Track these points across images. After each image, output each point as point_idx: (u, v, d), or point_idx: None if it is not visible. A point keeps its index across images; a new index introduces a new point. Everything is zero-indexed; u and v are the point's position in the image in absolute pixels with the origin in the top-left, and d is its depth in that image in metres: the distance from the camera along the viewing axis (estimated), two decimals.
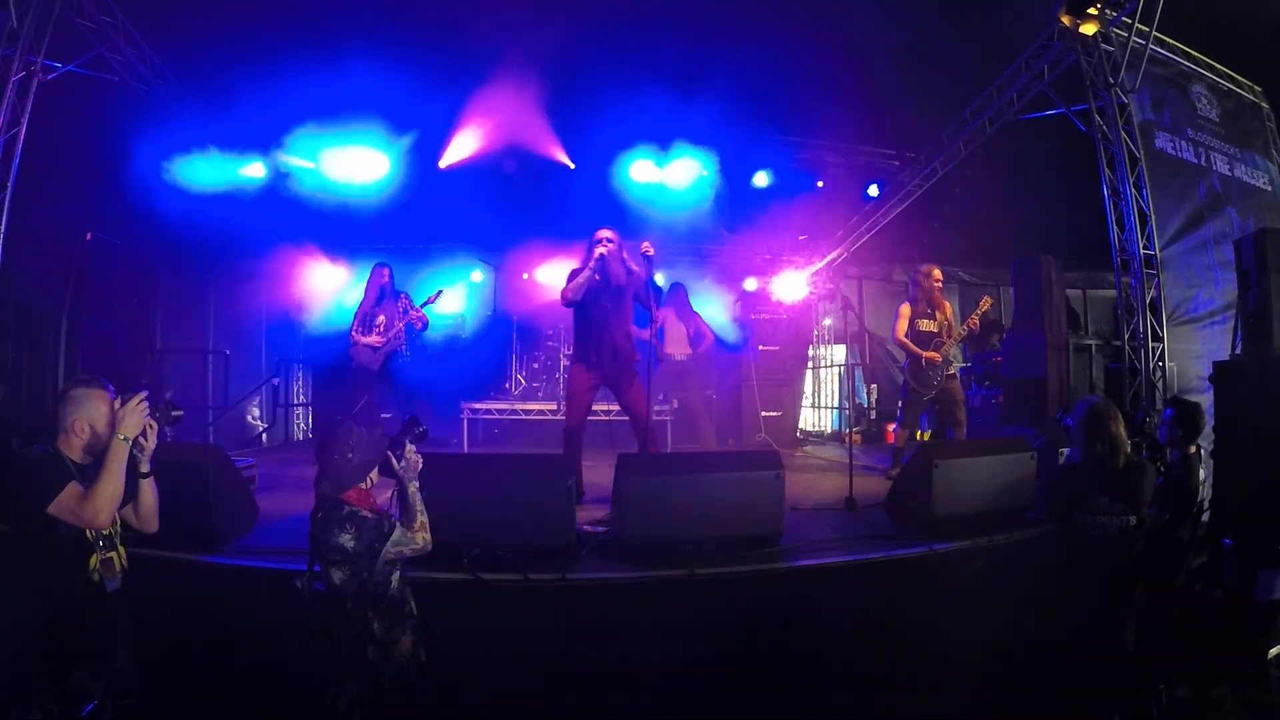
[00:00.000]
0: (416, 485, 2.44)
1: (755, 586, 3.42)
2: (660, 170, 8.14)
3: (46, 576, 2.14)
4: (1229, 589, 4.00)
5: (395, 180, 7.76)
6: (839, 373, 10.41)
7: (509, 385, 8.35)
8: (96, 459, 2.17)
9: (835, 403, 10.54)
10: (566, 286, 4.62)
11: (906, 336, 5.86)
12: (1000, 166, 7.88)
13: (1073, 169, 6.80)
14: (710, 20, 6.43)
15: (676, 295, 7.88)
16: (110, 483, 2.13)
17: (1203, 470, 3.63)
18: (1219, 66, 7.62)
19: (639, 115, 7.73)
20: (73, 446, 2.19)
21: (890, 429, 9.50)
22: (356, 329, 6.11)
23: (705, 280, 8.92)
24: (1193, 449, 3.56)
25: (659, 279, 7.92)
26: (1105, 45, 5.99)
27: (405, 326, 6.15)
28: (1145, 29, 5.84)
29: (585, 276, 4.56)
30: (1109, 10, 5.74)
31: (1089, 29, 5.83)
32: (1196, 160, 7.01)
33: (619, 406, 4.96)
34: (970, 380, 7.46)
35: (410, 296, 6.27)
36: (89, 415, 2.20)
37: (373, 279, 6.26)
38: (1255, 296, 4.63)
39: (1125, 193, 6.00)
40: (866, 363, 10.20)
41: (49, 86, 5.21)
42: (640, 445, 4.67)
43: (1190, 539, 3.50)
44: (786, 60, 7.05)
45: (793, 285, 9.42)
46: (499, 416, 7.77)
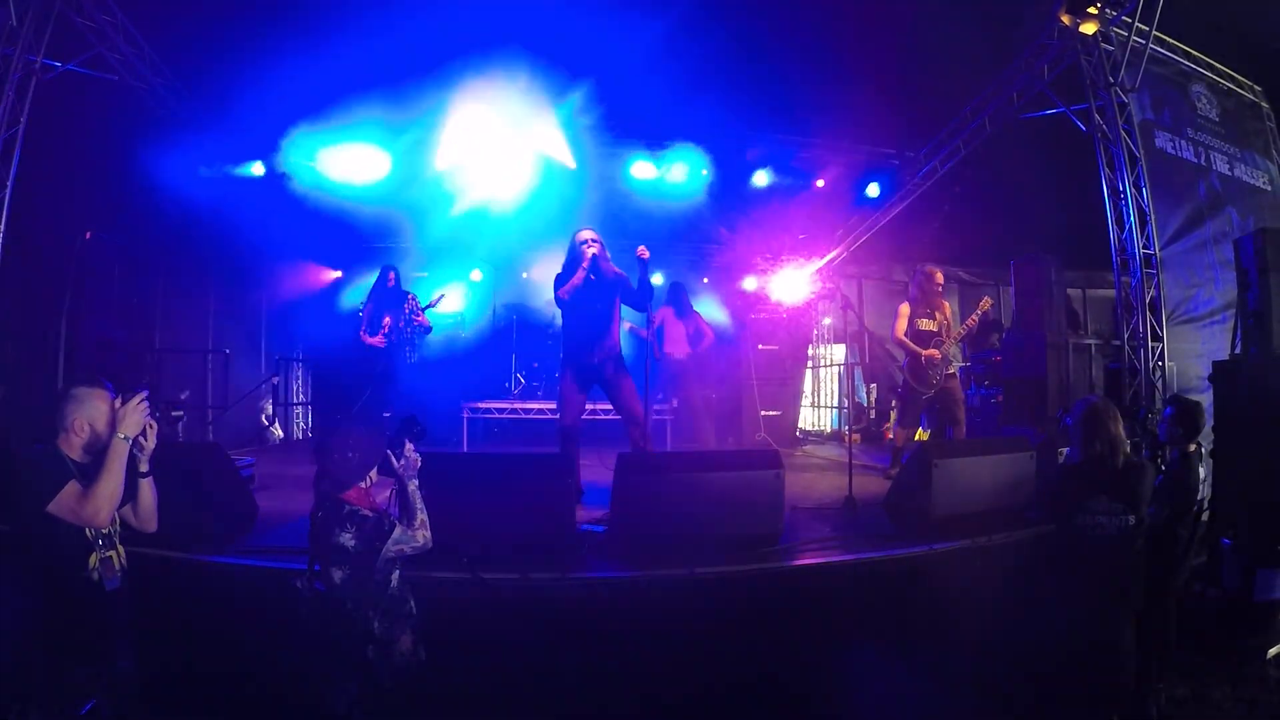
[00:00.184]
0: (416, 484, 2.45)
1: (754, 585, 3.42)
2: (659, 169, 8.13)
3: (46, 575, 2.14)
4: (1228, 588, 4.01)
5: (395, 179, 7.77)
6: (838, 372, 10.42)
7: (509, 384, 8.35)
8: (96, 458, 2.18)
9: (835, 402, 10.55)
10: (563, 287, 4.64)
11: (906, 335, 5.87)
12: (1000, 166, 7.87)
13: (1072, 168, 6.79)
14: (709, 19, 6.42)
15: (675, 295, 7.88)
16: (110, 482, 2.13)
17: (1202, 469, 3.63)
18: (1219, 66, 7.62)
19: (638, 114, 7.73)
20: (72, 445, 2.19)
21: (887, 426, 9.54)
22: (364, 330, 6.13)
23: (704, 279, 8.92)
24: (1192, 447, 3.56)
25: (658, 279, 7.93)
26: (1105, 44, 5.99)
27: (412, 329, 6.17)
28: (1145, 28, 5.85)
29: (580, 277, 4.58)
30: (1109, 9, 5.74)
31: (1089, 28, 5.84)
32: (1196, 160, 7.01)
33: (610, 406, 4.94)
34: (970, 380, 7.46)
35: (417, 298, 6.29)
36: (89, 414, 2.20)
37: (379, 281, 6.29)
38: (1255, 296, 4.63)
39: (1125, 192, 6.00)
40: (866, 362, 10.21)
41: (48, 85, 5.21)
42: (634, 444, 4.67)
43: (1190, 538, 3.50)
44: (786, 59, 7.05)
45: (792, 284, 9.43)
46: (499, 416, 7.77)
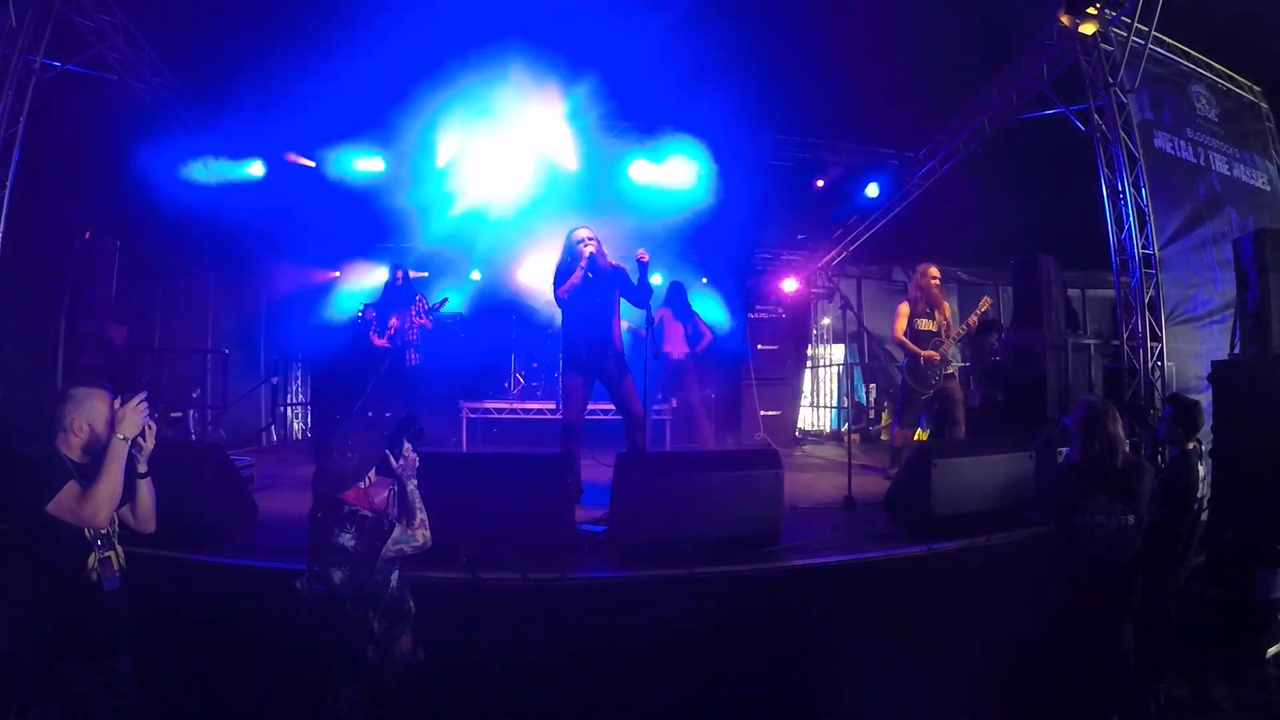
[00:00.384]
0: (415, 483, 2.45)
1: (754, 585, 3.43)
2: (658, 169, 8.13)
3: (45, 575, 2.14)
4: (1227, 588, 4.01)
5: (394, 178, 7.76)
6: (838, 372, 10.42)
7: (508, 384, 8.34)
8: (95, 458, 2.18)
9: (834, 402, 10.55)
10: (559, 288, 4.66)
11: (905, 336, 5.88)
12: (999, 166, 7.88)
13: (1072, 168, 6.79)
14: (709, 19, 6.42)
15: (674, 294, 7.87)
16: (109, 482, 2.13)
17: (1202, 467, 3.64)
18: (1218, 66, 7.62)
19: (638, 114, 7.73)
20: (71, 446, 2.19)
21: (882, 426, 9.55)
22: (374, 330, 6.15)
23: (703, 279, 8.92)
24: (1191, 445, 3.57)
25: (656, 278, 7.92)
26: (1104, 45, 5.99)
27: (418, 330, 6.17)
28: (1144, 29, 5.85)
29: (579, 276, 4.59)
30: (1108, 10, 5.74)
31: (1088, 29, 5.83)
32: (1195, 160, 7.01)
33: (611, 404, 4.96)
34: (969, 379, 7.46)
35: (425, 299, 6.30)
36: (88, 415, 2.20)
37: (389, 280, 6.33)
38: (1254, 296, 4.63)
39: (1124, 192, 6.00)
40: (865, 362, 10.21)
41: (48, 85, 5.20)
42: (630, 442, 4.68)
43: (1189, 537, 3.50)
44: (785, 59, 7.04)
45: (792, 284, 9.44)
46: (498, 416, 7.77)
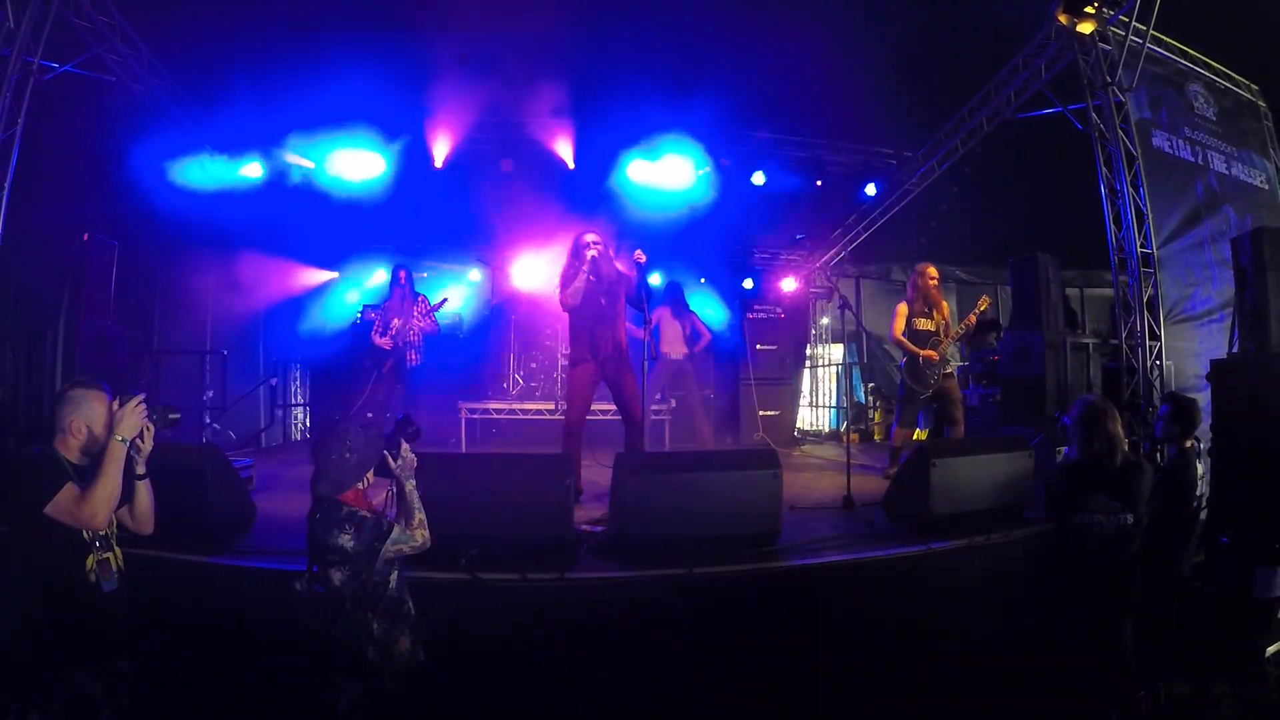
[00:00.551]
0: (413, 484, 2.45)
1: (753, 585, 3.43)
2: (657, 169, 8.14)
3: (43, 577, 2.14)
4: (1227, 587, 4.01)
5: (393, 180, 7.76)
6: (837, 372, 10.42)
7: (506, 385, 8.34)
8: (93, 460, 2.18)
9: (833, 402, 10.55)
10: (564, 293, 4.71)
11: (904, 335, 5.88)
12: (998, 165, 7.88)
13: (1070, 168, 6.79)
14: (708, 19, 6.43)
15: (672, 294, 7.88)
16: (107, 484, 2.13)
17: (1200, 466, 3.64)
18: (1216, 65, 7.62)
19: (637, 114, 7.72)
20: (69, 447, 2.19)
21: (874, 423, 9.56)
22: (377, 330, 6.14)
23: (701, 279, 8.93)
24: (1189, 444, 3.58)
25: (655, 279, 7.93)
26: (1102, 44, 5.99)
27: (419, 331, 6.16)
28: (1142, 27, 5.85)
29: (581, 281, 4.63)
30: (1106, 9, 5.74)
31: (1086, 28, 5.83)
32: (1194, 159, 7.01)
33: (614, 405, 4.99)
34: (968, 379, 7.46)
35: (427, 299, 6.29)
36: (86, 416, 2.20)
37: (392, 281, 6.33)
38: (1252, 295, 4.63)
39: (1122, 191, 6.00)
40: (864, 362, 10.21)
41: (46, 87, 5.19)
42: (629, 443, 4.72)
43: (1188, 536, 3.50)
44: (784, 59, 7.04)
45: (790, 284, 9.44)
46: (497, 416, 7.77)
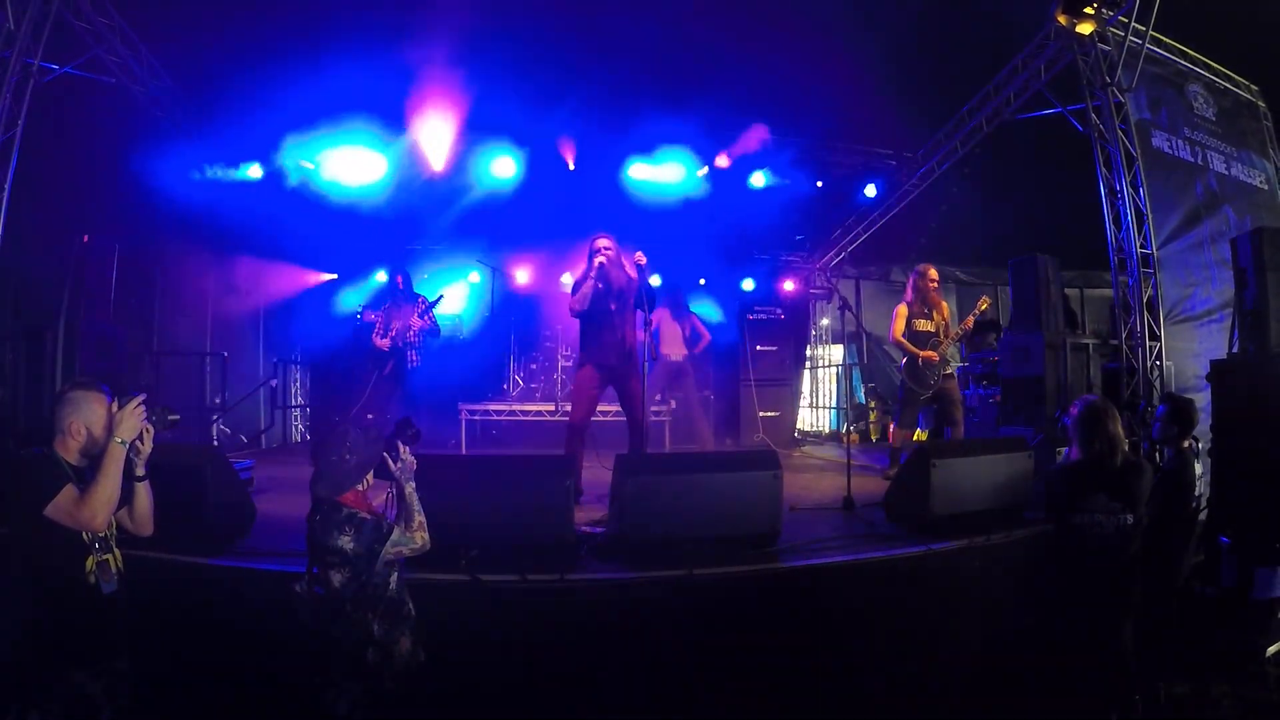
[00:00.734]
0: (413, 486, 2.45)
1: (753, 587, 3.42)
2: (657, 170, 8.14)
3: (43, 578, 2.14)
4: (1227, 587, 4.01)
5: (393, 181, 7.76)
6: (837, 372, 10.42)
7: (507, 386, 8.34)
8: (93, 461, 2.17)
9: (833, 402, 10.55)
10: (573, 298, 4.76)
11: (904, 336, 5.88)
12: (997, 166, 7.89)
13: (1070, 168, 6.80)
14: (708, 20, 6.43)
15: (672, 296, 7.88)
16: (107, 486, 2.13)
17: (1199, 466, 3.64)
18: (1216, 65, 7.63)
19: (637, 115, 7.73)
20: (69, 449, 2.19)
21: (871, 422, 9.56)
22: (377, 332, 6.15)
23: (701, 280, 8.93)
24: (1187, 444, 3.57)
25: (655, 279, 7.92)
26: (1102, 44, 6.00)
27: (418, 331, 6.16)
28: (1142, 28, 5.86)
29: (589, 286, 4.67)
30: (1105, 9, 5.74)
31: (1085, 28, 5.84)
32: (1193, 159, 7.01)
33: (618, 406, 5.02)
34: (968, 380, 7.47)
35: (426, 299, 6.30)
36: (85, 417, 2.19)
37: (389, 284, 6.33)
38: (1252, 295, 4.63)
39: (1122, 191, 6.01)
40: (864, 362, 10.21)
41: (46, 88, 5.20)
42: (633, 444, 4.74)
43: (1188, 536, 3.50)
44: (784, 60, 7.05)
45: (790, 285, 9.44)
46: (497, 418, 7.77)
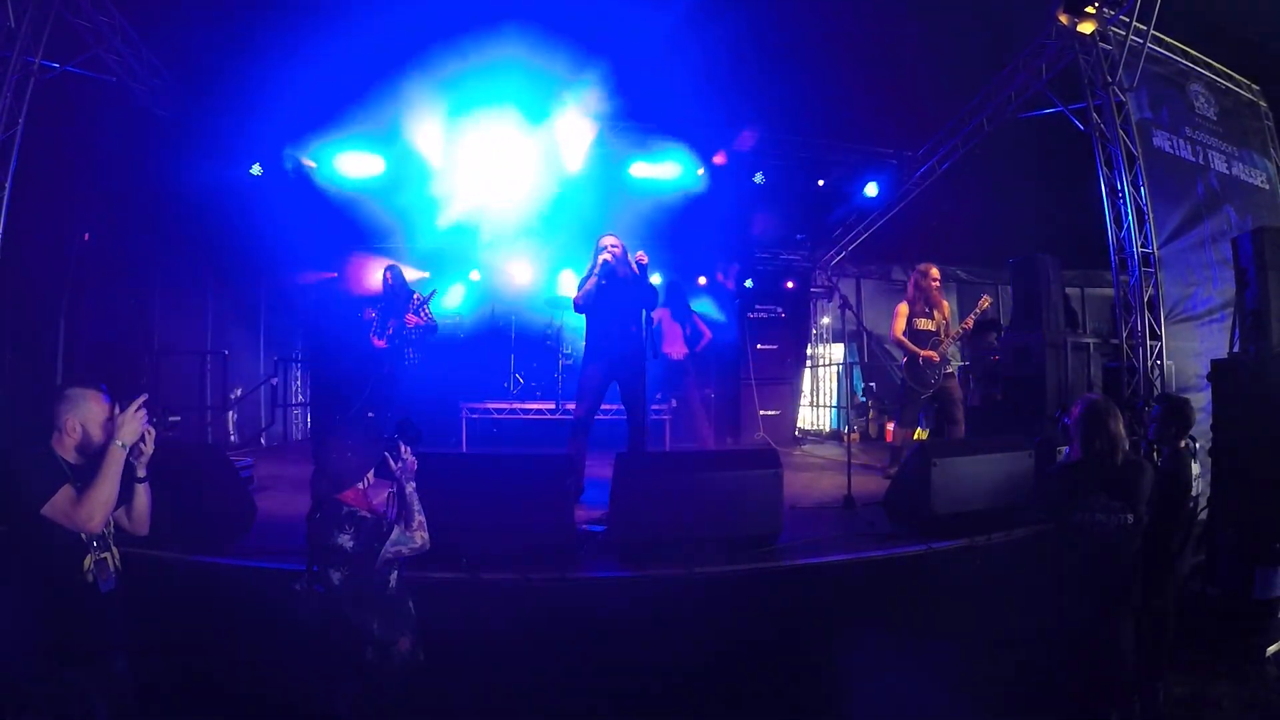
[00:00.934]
0: (413, 485, 2.45)
1: (753, 585, 3.43)
2: (657, 168, 8.14)
3: (40, 577, 2.14)
4: (1227, 587, 4.01)
5: (392, 180, 7.76)
6: (837, 371, 10.42)
7: (507, 385, 8.34)
8: (89, 460, 2.17)
9: (834, 401, 10.55)
10: (577, 295, 4.83)
11: (904, 335, 5.88)
12: (998, 165, 7.88)
13: (1071, 167, 6.79)
14: (708, 19, 6.42)
15: (673, 294, 7.87)
16: (105, 488, 2.13)
17: (1196, 465, 3.64)
18: (1217, 65, 7.61)
19: (638, 115, 7.72)
20: (65, 446, 2.19)
21: (869, 420, 9.55)
22: (374, 331, 6.14)
23: (701, 279, 8.92)
24: (1184, 444, 3.57)
25: (656, 279, 7.92)
26: (1103, 44, 5.99)
27: (415, 328, 6.15)
28: (1143, 27, 5.85)
29: (593, 283, 4.74)
30: (1107, 9, 5.74)
31: (1087, 28, 5.83)
32: (1194, 158, 7.00)
33: (619, 405, 5.03)
34: (968, 379, 7.46)
35: (420, 294, 6.29)
36: (81, 415, 2.19)
37: (382, 283, 6.32)
38: (1253, 294, 4.63)
39: (1123, 191, 6.00)
40: (865, 361, 10.21)
41: (46, 87, 5.20)
42: (633, 442, 4.77)
43: (1186, 536, 3.50)
44: (785, 59, 7.05)
45: (791, 284, 9.42)
46: (497, 416, 7.77)
